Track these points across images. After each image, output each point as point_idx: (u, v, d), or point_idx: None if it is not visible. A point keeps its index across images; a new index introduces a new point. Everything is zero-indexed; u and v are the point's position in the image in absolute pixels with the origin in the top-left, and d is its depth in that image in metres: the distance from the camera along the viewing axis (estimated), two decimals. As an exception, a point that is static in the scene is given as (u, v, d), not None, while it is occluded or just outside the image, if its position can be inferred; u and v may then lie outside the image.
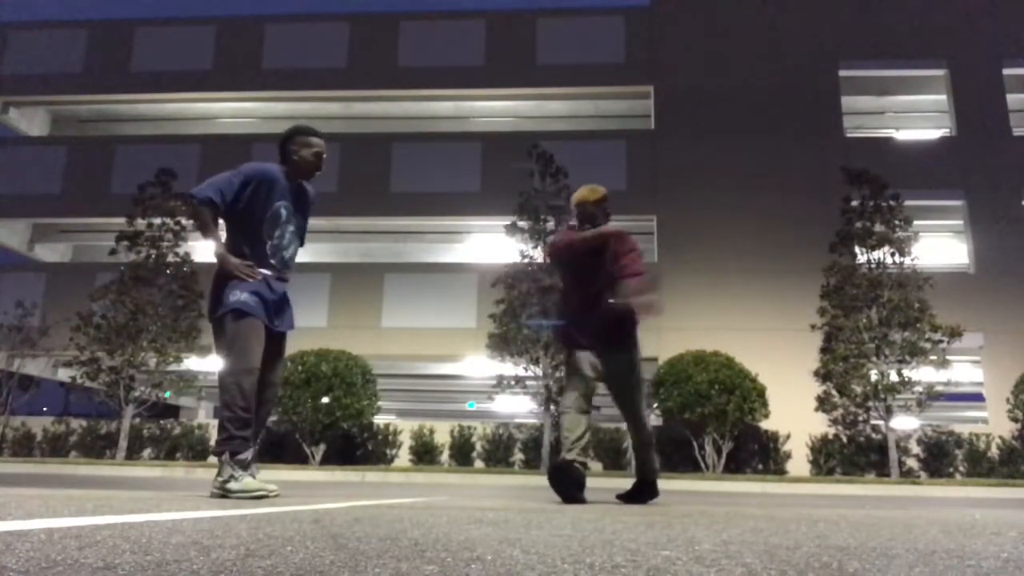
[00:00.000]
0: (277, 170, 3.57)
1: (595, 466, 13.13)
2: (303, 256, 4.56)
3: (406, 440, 13.86)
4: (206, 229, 3.38)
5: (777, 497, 7.35)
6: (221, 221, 3.52)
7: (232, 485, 3.17)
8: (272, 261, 3.52)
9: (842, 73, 18.93)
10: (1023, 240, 17.23)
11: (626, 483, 4.66)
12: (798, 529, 2.10)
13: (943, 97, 19.38)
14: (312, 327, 16.29)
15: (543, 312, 13.33)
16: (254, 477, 3.31)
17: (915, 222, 13.82)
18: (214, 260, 3.48)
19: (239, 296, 3.36)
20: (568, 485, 3.84)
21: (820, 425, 13.07)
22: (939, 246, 18.37)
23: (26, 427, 15.30)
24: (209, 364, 16.12)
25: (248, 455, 3.27)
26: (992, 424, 14.75)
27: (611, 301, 3.97)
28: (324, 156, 3.67)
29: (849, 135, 18.80)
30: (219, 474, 3.24)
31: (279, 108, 21.39)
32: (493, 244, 17.92)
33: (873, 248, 13.40)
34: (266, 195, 3.48)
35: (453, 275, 18.46)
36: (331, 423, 12.89)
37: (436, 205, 18.98)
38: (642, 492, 4.25)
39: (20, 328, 16.18)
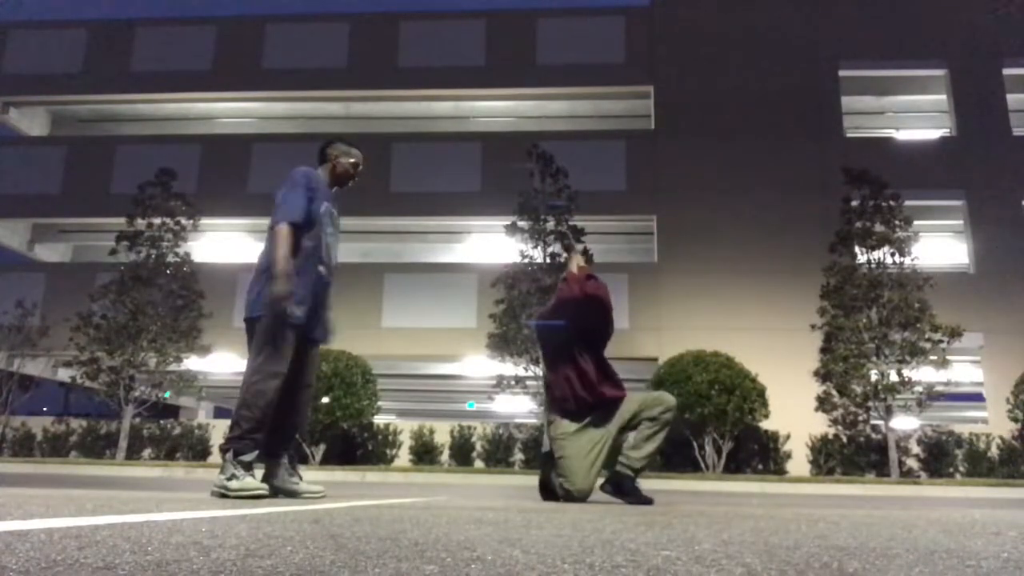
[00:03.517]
0: (320, 173, 3.75)
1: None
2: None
3: (406, 440, 13.85)
4: (290, 251, 3.39)
5: (777, 497, 7.35)
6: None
7: (233, 484, 3.18)
8: (324, 260, 3.63)
9: (842, 73, 18.91)
10: (1023, 240, 17.23)
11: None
12: (798, 529, 2.09)
13: (943, 97, 19.37)
14: (312, 327, 16.24)
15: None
16: (289, 475, 3.46)
17: (915, 222, 13.81)
18: (280, 272, 3.33)
19: (291, 308, 3.39)
20: None
21: (820, 425, 13.06)
22: (939, 246, 18.36)
23: (26, 427, 15.29)
24: (209, 364, 16.11)
25: (251, 457, 3.29)
26: (992, 424, 14.74)
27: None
28: (360, 168, 3.84)
29: (849, 135, 18.78)
30: (221, 471, 3.26)
31: (279, 108, 21.36)
32: (493, 244, 17.92)
33: (873, 248, 13.39)
34: (318, 197, 3.61)
35: (453, 275, 18.45)
36: (331, 423, 12.89)
37: (436, 205, 18.97)
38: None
39: (20, 328, 16.16)
